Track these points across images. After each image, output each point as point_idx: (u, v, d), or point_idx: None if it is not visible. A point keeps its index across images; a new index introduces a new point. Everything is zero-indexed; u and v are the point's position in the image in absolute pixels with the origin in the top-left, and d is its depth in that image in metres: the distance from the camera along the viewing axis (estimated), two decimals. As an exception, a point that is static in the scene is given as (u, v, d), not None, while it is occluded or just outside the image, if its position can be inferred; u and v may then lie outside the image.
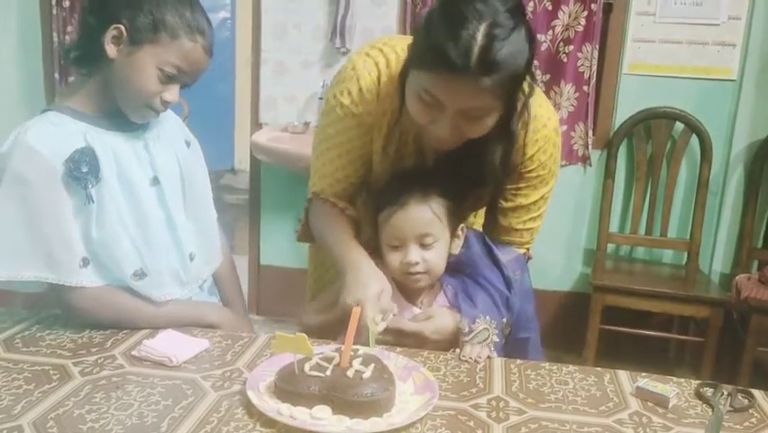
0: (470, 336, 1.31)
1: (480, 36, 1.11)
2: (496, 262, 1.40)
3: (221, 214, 1.62)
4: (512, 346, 1.38)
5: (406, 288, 1.38)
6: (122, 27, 1.25)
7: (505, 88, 1.17)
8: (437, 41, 1.13)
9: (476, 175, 1.33)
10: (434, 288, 1.40)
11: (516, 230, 1.45)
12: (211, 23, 1.33)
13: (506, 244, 1.46)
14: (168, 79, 1.29)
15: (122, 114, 1.33)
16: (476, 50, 1.10)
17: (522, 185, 1.40)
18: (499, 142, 1.28)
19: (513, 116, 1.26)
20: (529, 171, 1.38)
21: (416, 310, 1.36)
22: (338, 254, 1.36)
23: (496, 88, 1.15)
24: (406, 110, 1.26)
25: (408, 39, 1.34)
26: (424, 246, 1.32)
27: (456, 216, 1.36)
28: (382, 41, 1.40)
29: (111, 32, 1.26)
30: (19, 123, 1.30)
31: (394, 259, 1.34)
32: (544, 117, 1.35)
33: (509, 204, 1.42)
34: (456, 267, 1.41)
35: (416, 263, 1.32)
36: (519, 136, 1.32)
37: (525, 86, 1.27)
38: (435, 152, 1.37)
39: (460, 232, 1.38)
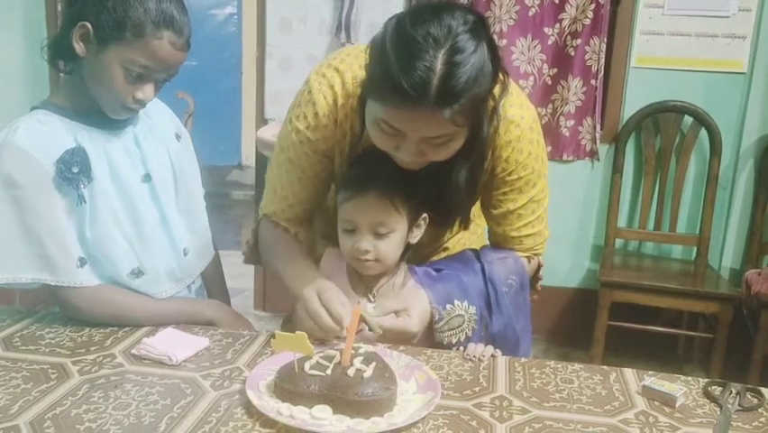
0: (441, 323, 1.27)
1: (437, 66, 1.03)
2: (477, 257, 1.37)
3: (228, 210, 1.61)
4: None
5: (360, 273, 1.34)
6: (88, 25, 1.21)
7: (469, 113, 1.10)
8: (391, 72, 1.04)
9: (440, 192, 1.28)
10: (393, 275, 1.36)
11: (512, 237, 1.39)
12: (185, 8, 1.27)
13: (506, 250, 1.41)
14: (137, 78, 1.25)
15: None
16: (434, 81, 1.03)
17: (506, 189, 1.33)
18: (466, 159, 1.22)
19: (480, 132, 1.19)
20: (509, 174, 1.30)
21: (369, 306, 1.29)
22: (295, 288, 1.30)
23: (459, 116, 1.07)
24: (368, 133, 1.20)
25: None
26: (377, 235, 1.28)
27: (418, 209, 1.31)
28: (339, 57, 1.32)
29: (78, 30, 1.22)
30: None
31: (346, 242, 1.30)
32: (516, 117, 1.27)
33: (498, 210, 1.36)
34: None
35: (367, 252, 1.28)
36: (490, 141, 1.25)
37: (496, 88, 1.19)
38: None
39: (421, 222, 1.33)
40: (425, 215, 1.33)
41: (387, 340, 1.25)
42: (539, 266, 1.47)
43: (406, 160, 1.18)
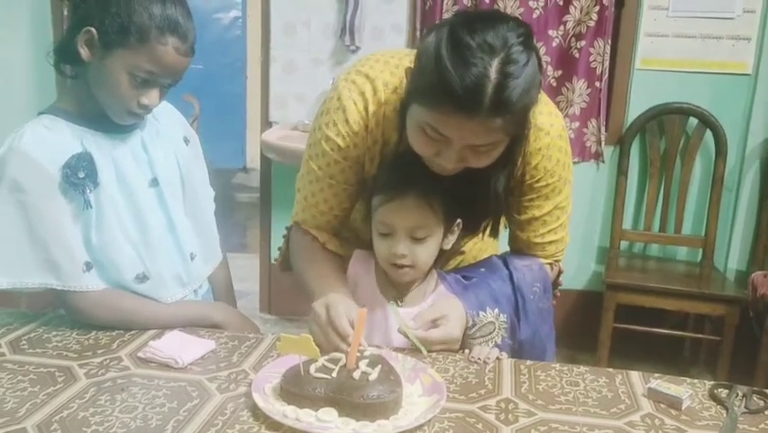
0: (473, 329, 1.27)
1: (492, 75, 1.03)
2: (505, 264, 1.37)
3: (233, 212, 1.60)
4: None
5: (394, 280, 1.33)
6: (92, 30, 1.21)
7: (518, 122, 1.11)
8: (444, 78, 1.04)
9: (477, 198, 1.28)
10: (423, 281, 1.35)
11: (536, 244, 1.39)
12: (190, 13, 1.26)
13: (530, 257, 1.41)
14: (142, 83, 1.24)
15: None
16: (489, 90, 1.03)
17: (533, 196, 1.33)
18: (503, 167, 1.22)
19: (520, 140, 1.20)
20: (537, 181, 1.31)
21: (408, 319, 1.27)
22: (318, 293, 1.28)
23: (509, 126, 1.09)
24: (407, 137, 1.19)
25: (397, 56, 1.27)
26: (414, 239, 1.26)
27: (453, 213, 1.30)
28: (368, 63, 1.31)
29: (83, 35, 1.22)
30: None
31: (382, 247, 1.29)
32: (546, 125, 1.27)
33: (523, 216, 1.36)
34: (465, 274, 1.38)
35: (404, 256, 1.26)
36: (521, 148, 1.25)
37: None
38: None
39: (455, 228, 1.32)
40: (459, 220, 1.32)
41: (431, 350, 1.24)
42: (559, 272, 1.48)
43: (445, 166, 1.17)
